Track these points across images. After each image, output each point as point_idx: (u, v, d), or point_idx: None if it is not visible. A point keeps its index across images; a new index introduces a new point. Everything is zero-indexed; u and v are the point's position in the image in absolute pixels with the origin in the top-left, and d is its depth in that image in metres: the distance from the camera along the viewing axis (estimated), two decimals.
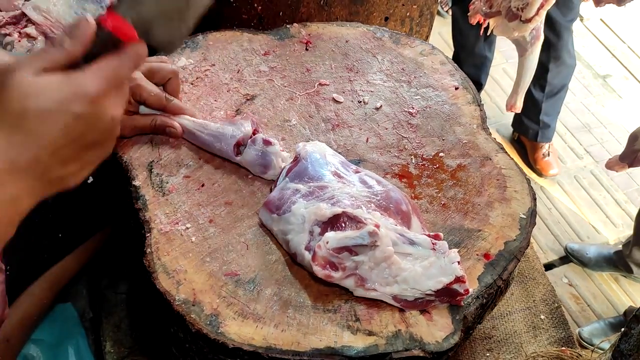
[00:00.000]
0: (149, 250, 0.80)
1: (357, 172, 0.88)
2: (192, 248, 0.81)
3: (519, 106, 1.34)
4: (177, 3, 0.65)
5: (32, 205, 0.59)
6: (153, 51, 0.65)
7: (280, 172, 0.89)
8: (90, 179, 0.97)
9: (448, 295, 0.77)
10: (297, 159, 0.88)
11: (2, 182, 0.55)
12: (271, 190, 0.88)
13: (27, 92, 0.54)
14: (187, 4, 0.66)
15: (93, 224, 1.05)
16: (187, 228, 0.84)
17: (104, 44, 0.59)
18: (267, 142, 0.89)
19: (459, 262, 0.77)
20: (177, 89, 0.94)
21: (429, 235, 0.79)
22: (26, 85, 0.54)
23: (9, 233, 0.58)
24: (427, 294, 0.76)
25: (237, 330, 0.73)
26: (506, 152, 1.00)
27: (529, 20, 1.14)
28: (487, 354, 1.04)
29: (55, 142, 0.55)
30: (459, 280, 0.76)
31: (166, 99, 0.91)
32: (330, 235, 0.76)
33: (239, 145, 0.91)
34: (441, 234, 0.80)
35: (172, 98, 0.92)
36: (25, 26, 1.35)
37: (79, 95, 0.55)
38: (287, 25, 1.17)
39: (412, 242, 0.78)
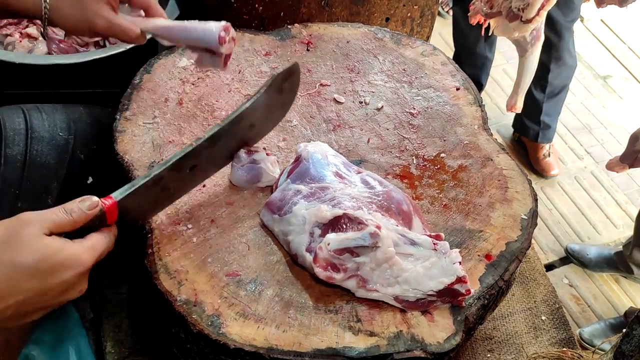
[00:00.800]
0: (150, 250, 0.80)
1: (359, 172, 0.88)
2: (193, 248, 0.81)
3: (519, 106, 1.34)
4: (156, 201, 0.78)
5: None
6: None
7: (282, 173, 0.89)
8: (90, 180, 0.98)
9: (449, 296, 0.77)
10: (298, 160, 0.88)
11: None
12: (272, 191, 0.88)
13: (30, 249, 0.59)
14: (160, 203, 0.79)
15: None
16: (189, 228, 0.84)
17: (94, 219, 0.67)
18: (249, 152, 0.89)
19: (460, 262, 0.76)
20: (161, 11, 0.91)
21: (430, 236, 0.79)
22: (31, 242, 0.60)
23: None
24: (428, 295, 0.76)
25: (239, 331, 0.73)
26: (507, 153, 1.00)
27: (529, 21, 1.14)
28: (488, 355, 1.04)
29: (29, 300, 0.60)
30: (460, 280, 0.75)
31: None
32: (331, 236, 0.76)
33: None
34: (442, 235, 0.80)
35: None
36: (27, 26, 1.35)
37: (74, 265, 0.62)
38: (288, 26, 1.17)
39: (413, 243, 0.78)
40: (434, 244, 0.78)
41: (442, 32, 2.94)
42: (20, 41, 1.31)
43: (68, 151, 0.95)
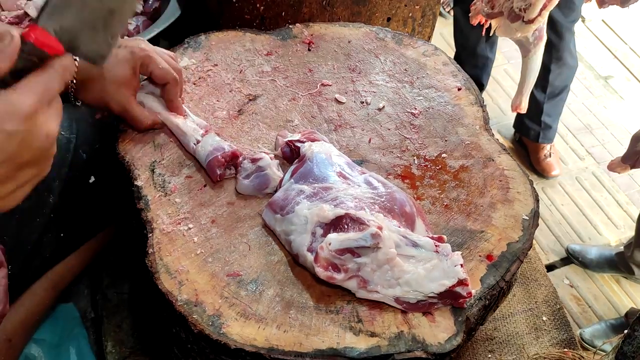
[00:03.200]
0: (151, 250, 0.80)
1: (362, 173, 0.88)
2: (194, 248, 0.81)
3: (524, 107, 1.34)
4: (99, 13, 0.63)
5: None
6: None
7: (286, 172, 0.89)
8: (92, 179, 0.98)
9: (451, 298, 0.77)
10: (302, 159, 0.88)
11: None
12: (275, 191, 0.88)
13: None
14: (110, 13, 0.64)
15: (95, 224, 1.05)
16: (190, 228, 0.84)
17: (29, 58, 0.57)
18: (254, 161, 0.88)
19: (462, 264, 0.76)
20: (174, 98, 0.94)
21: (432, 238, 0.79)
22: None
23: None
24: (429, 297, 0.76)
25: (240, 331, 0.73)
26: (509, 153, 0.99)
27: (531, 21, 1.13)
28: (489, 356, 1.04)
29: None
30: (461, 283, 0.75)
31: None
32: (332, 236, 0.76)
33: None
34: (445, 237, 0.80)
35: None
36: (28, 26, 1.35)
37: (10, 114, 0.54)
38: (290, 26, 1.17)
39: (415, 244, 0.77)
40: (436, 245, 0.77)
41: (443, 32, 2.94)
42: None
43: (70, 150, 0.95)
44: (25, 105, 0.55)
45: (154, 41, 1.26)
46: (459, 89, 1.09)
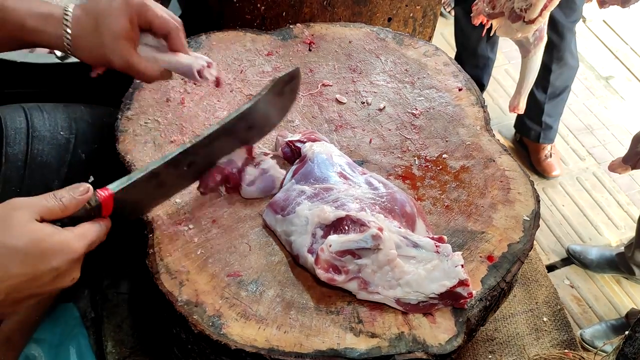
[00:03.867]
0: (151, 250, 0.80)
1: (363, 173, 0.88)
2: (194, 249, 0.81)
3: (521, 107, 1.34)
4: (152, 196, 0.77)
5: None
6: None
7: (287, 172, 0.89)
8: (91, 179, 0.97)
9: (451, 299, 0.76)
10: (304, 160, 0.87)
11: None
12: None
13: (20, 232, 0.58)
14: (156, 198, 0.79)
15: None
16: (190, 229, 0.84)
17: (88, 209, 0.66)
18: (256, 164, 0.88)
19: (462, 265, 0.76)
20: (180, 46, 0.85)
21: (432, 238, 0.79)
22: (20, 226, 0.59)
23: None
24: (430, 298, 0.76)
25: (240, 332, 0.73)
26: (510, 154, 0.99)
27: (532, 22, 1.13)
28: (490, 356, 1.04)
29: (19, 286, 0.59)
30: (462, 283, 0.75)
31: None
32: (333, 238, 0.76)
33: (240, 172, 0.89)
34: (445, 237, 0.80)
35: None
36: None
37: (65, 252, 0.61)
38: (290, 26, 1.17)
39: (415, 245, 0.77)
40: (437, 246, 0.77)
41: (444, 33, 2.94)
42: None
43: (69, 150, 0.95)
44: (77, 249, 0.62)
45: None
46: (460, 90, 1.09)
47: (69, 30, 0.80)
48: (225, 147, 0.85)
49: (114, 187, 0.70)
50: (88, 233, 0.64)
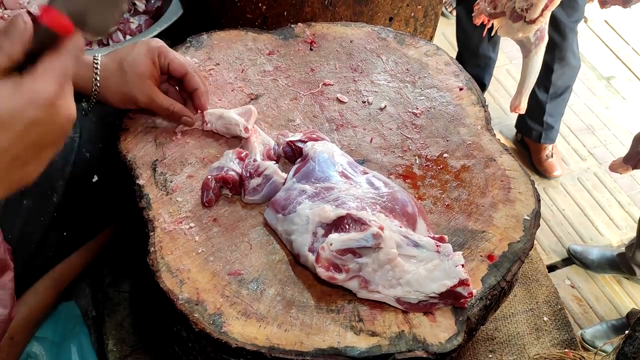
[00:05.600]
0: (152, 249, 0.80)
1: (365, 173, 0.88)
2: (195, 247, 0.81)
3: (523, 107, 1.34)
4: None
5: None
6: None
7: (289, 171, 0.89)
8: (95, 178, 0.98)
9: (452, 298, 0.77)
10: (305, 159, 0.88)
11: None
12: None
13: None
14: None
15: (98, 223, 1.05)
16: (191, 227, 0.84)
17: (41, 40, 0.57)
18: (259, 174, 0.87)
19: (463, 264, 0.76)
20: (198, 84, 0.95)
21: (433, 238, 0.79)
22: None
23: None
24: (430, 297, 0.76)
25: (240, 330, 0.73)
26: (510, 154, 0.99)
27: (533, 21, 1.13)
28: (490, 356, 1.04)
29: (14, 149, 0.55)
30: (463, 283, 0.75)
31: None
32: (334, 236, 0.76)
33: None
34: (446, 237, 0.80)
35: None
36: None
37: (33, 102, 0.54)
38: (292, 25, 1.17)
39: (416, 245, 0.77)
40: (437, 245, 0.77)
41: (445, 32, 2.94)
42: None
43: (74, 149, 0.95)
44: (47, 92, 0.55)
45: None
46: (461, 89, 1.09)
47: (98, 73, 0.90)
48: None
49: (53, 2, 0.57)
50: (52, 65, 0.56)
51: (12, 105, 0.54)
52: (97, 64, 0.90)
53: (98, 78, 0.90)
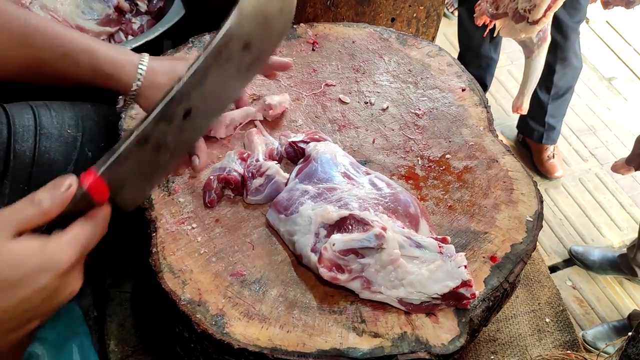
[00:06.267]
0: (154, 249, 0.80)
1: (367, 173, 0.88)
2: (197, 248, 0.81)
3: (525, 108, 1.34)
4: (151, 168, 0.63)
5: None
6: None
7: (291, 171, 0.89)
8: None
9: (454, 299, 0.76)
10: (307, 159, 0.88)
11: None
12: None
13: None
14: (157, 169, 0.65)
15: None
16: (193, 228, 0.84)
17: (77, 202, 0.56)
18: (261, 174, 0.87)
19: (465, 266, 0.76)
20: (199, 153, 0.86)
21: (436, 239, 0.79)
22: None
23: None
24: (433, 298, 0.76)
25: (243, 331, 0.73)
26: (513, 155, 0.99)
27: (536, 22, 1.13)
28: (492, 357, 1.04)
29: (8, 313, 0.52)
30: (465, 284, 0.75)
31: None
32: (336, 237, 0.76)
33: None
34: (449, 238, 0.80)
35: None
36: None
37: (50, 268, 0.52)
38: (294, 26, 1.17)
39: (419, 245, 0.77)
40: (440, 246, 0.77)
41: (447, 33, 2.94)
42: None
43: (76, 148, 0.95)
44: (66, 263, 0.53)
45: (158, 40, 1.26)
46: (463, 90, 1.09)
47: (141, 79, 0.84)
48: (225, 82, 0.67)
49: (100, 166, 0.57)
50: (80, 235, 0.55)
51: (30, 267, 0.51)
52: (142, 68, 0.84)
53: (141, 80, 0.83)
